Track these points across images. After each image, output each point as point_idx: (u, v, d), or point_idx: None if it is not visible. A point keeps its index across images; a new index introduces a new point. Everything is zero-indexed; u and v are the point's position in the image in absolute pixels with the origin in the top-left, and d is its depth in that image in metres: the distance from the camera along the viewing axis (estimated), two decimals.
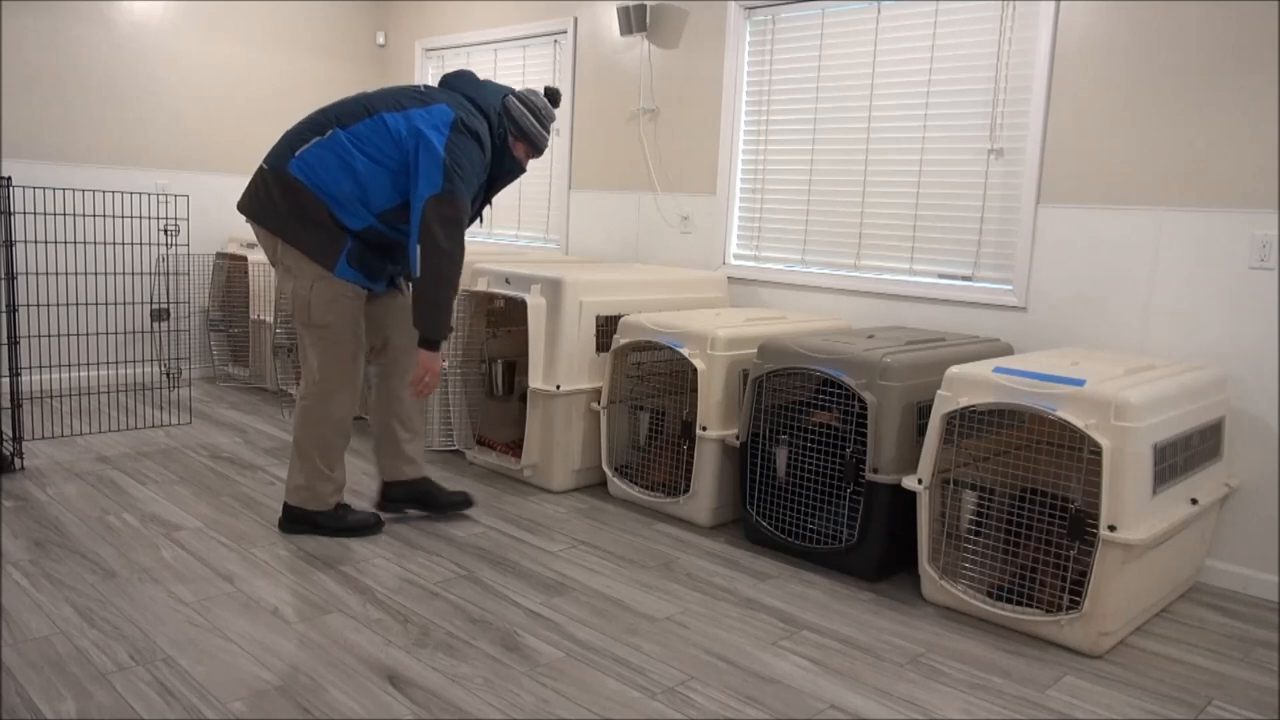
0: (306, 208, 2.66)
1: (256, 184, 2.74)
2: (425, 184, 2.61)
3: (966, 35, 3.37)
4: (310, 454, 2.81)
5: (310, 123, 2.71)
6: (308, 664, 2.12)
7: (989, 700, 2.12)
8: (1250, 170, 2.79)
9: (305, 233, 2.68)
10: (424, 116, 2.66)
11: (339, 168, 2.64)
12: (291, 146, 2.68)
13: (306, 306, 2.72)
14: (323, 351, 2.75)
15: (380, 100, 2.70)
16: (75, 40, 4.64)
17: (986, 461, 2.66)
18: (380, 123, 2.65)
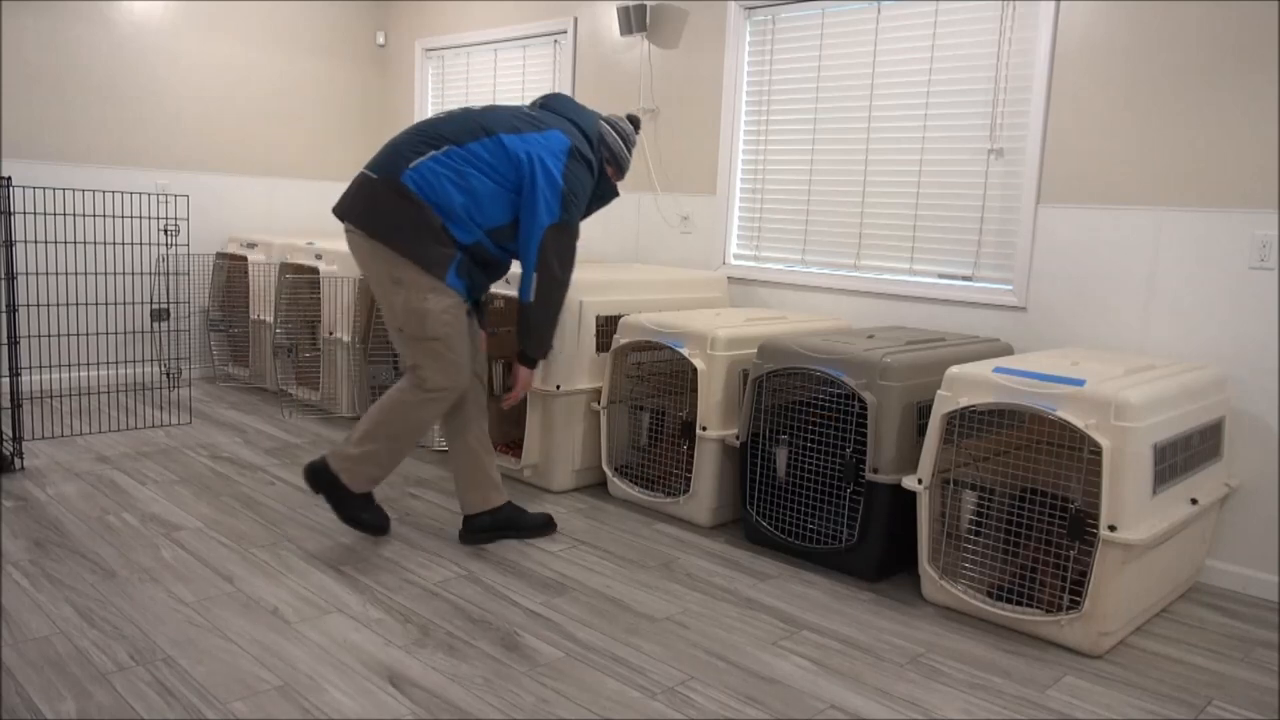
0: (420, 219, 2.61)
1: (364, 193, 2.67)
2: (545, 213, 2.65)
3: (966, 35, 3.37)
4: (380, 440, 2.73)
5: (421, 135, 2.67)
6: (308, 664, 2.12)
7: (989, 700, 2.12)
8: (1250, 170, 2.79)
9: (420, 244, 2.62)
10: (542, 143, 2.68)
11: (453, 183, 2.62)
12: (404, 157, 2.63)
13: (421, 319, 2.65)
14: (436, 362, 2.69)
15: (496, 121, 2.69)
16: (75, 40, 4.64)
17: (986, 461, 2.66)
18: (498, 144, 2.65)
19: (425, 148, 2.64)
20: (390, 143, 2.72)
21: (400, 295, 2.64)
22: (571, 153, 2.72)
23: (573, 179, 2.70)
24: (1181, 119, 2.91)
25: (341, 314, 4.28)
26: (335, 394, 4.39)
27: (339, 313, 4.29)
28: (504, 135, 2.66)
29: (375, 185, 2.65)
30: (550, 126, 2.73)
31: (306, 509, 3.15)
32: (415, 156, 2.63)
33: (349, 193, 2.72)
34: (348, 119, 5.77)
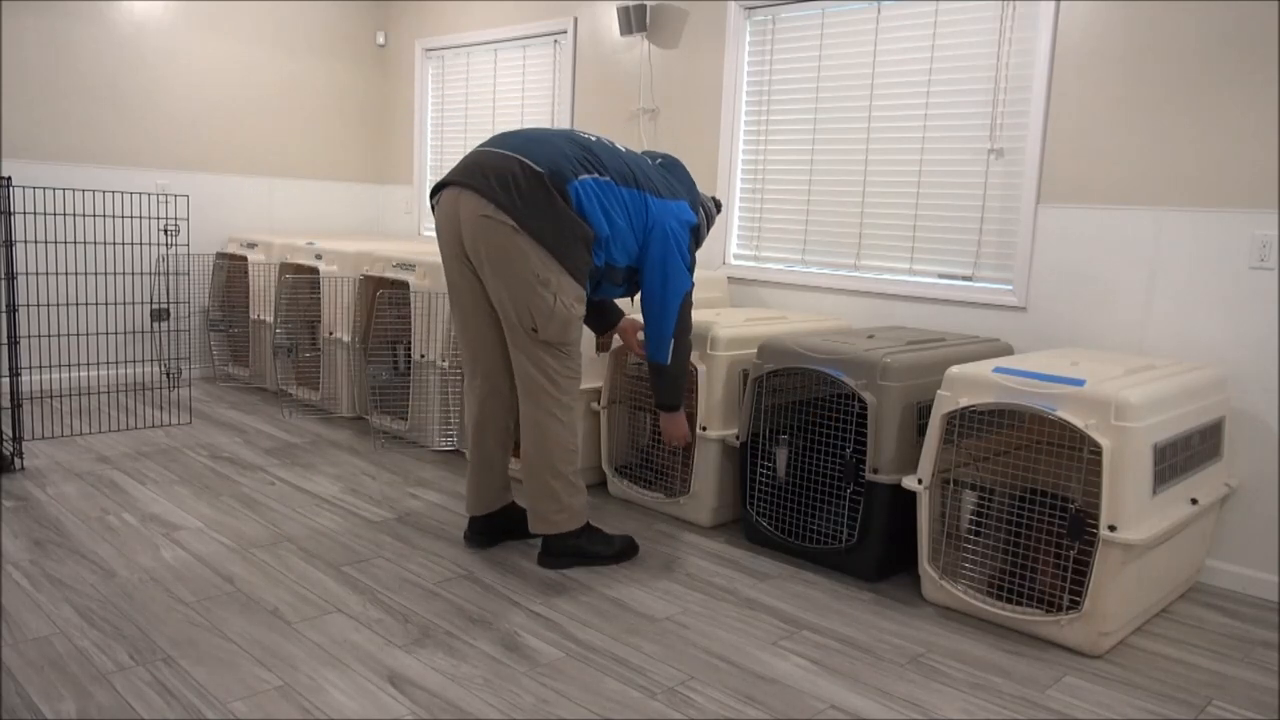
0: (580, 228, 2.53)
1: (517, 180, 2.50)
2: (682, 279, 2.70)
3: (966, 35, 3.37)
4: (563, 470, 2.68)
5: (585, 151, 2.59)
6: (308, 664, 2.12)
7: (989, 700, 2.12)
8: (1250, 170, 2.79)
9: (576, 251, 2.54)
10: (675, 210, 2.71)
11: (602, 211, 2.57)
12: (570, 165, 2.53)
13: (566, 325, 2.59)
14: (568, 369, 2.66)
15: (640, 173, 2.68)
16: (75, 40, 4.64)
17: (986, 461, 2.66)
18: (640, 199, 2.65)
19: (590, 166, 2.57)
20: (544, 138, 2.59)
21: (547, 298, 2.53)
22: (694, 229, 2.79)
23: (690, 249, 2.77)
24: (1181, 119, 2.91)
25: (341, 314, 4.28)
26: (335, 394, 4.39)
27: (339, 313, 4.29)
28: (649, 195, 2.67)
29: (536, 178, 2.49)
30: (680, 197, 2.77)
31: (306, 509, 3.15)
32: (581, 170, 2.55)
33: (481, 169, 2.53)
34: (348, 119, 5.77)
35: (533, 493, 2.71)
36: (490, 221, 2.49)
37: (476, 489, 2.86)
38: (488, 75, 5.24)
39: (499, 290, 2.56)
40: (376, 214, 6.01)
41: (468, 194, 2.52)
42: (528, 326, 2.56)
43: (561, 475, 2.68)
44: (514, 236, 2.48)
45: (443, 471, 3.67)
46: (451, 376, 3.76)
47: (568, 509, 2.71)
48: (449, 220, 2.59)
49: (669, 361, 2.77)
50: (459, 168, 2.58)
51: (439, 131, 5.58)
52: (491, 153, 2.55)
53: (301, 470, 3.59)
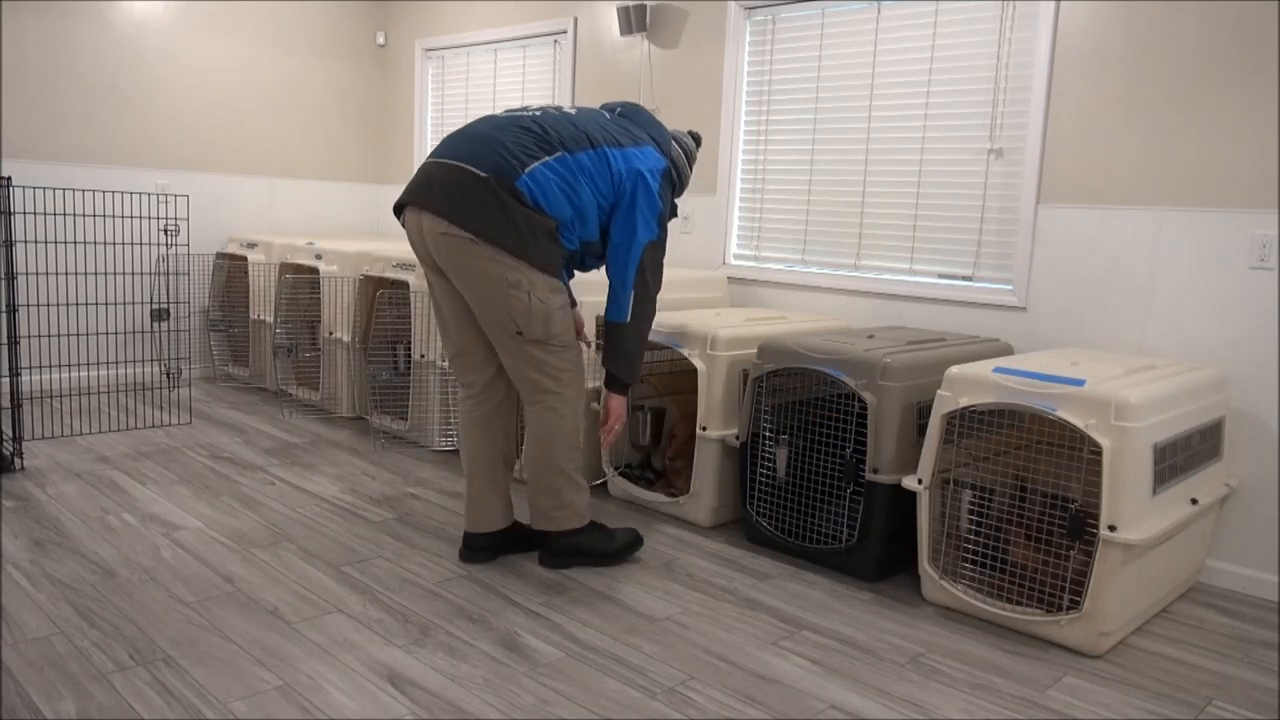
0: (539, 223, 2.47)
1: (464, 190, 2.45)
2: (644, 229, 2.58)
3: (966, 35, 3.37)
4: (565, 467, 2.65)
5: (531, 135, 2.51)
6: (308, 664, 2.12)
7: (989, 700, 2.12)
8: (1250, 170, 2.79)
9: (538, 245, 2.48)
10: (639, 158, 2.61)
11: (562, 192, 2.49)
12: (516, 159, 2.45)
13: (547, 319, 2.53)
14: (563, 362, 2.60)
15: (596, 130, 2.58)
16: (75, 40, 4.64)
17: (986, 461, 2.66)
18: (602, 157, 2.55)
19: (538, 151, 2.49)
20: (487, 136, 2.51)
21: (521, 298, 2.49)
22: (665, 172, 2.66)
23: (665, 196, 2.65)
24: (1181, 119, 2.91)
25: (341, 314, 4.28)
26: (335, 394, 4.39)
27: (339, 313, 4.29)
28: (607, 148, 2.56)
29: (482, 185, 2.44)
30: (644, 142, 2.66)
31: (306, 509, 3.15)
32: (529, 160, 2.47)
33: (430, 185, 2.50)
34: (348, 119, 5.77)
35: (535, 489, 2.69)
36: (449, 238, 2.47)
37: (478, 504, 2.75)
38: (488, 75, 5.24)
39: (475, 302, 2.53)
40: (376, 214, 6.01)
41: (426, 214, 2.49)
42: (511, 330, 2.54)
43: (563, 472, 2.66)
44: (474, 248, 2.46)
45: (443, 471, 3.67)
46: (451, 376, 3.76)
47: (569, 506, 2.69)
48: (416, 239, 2.58)
49: (624, 319, 2.63)
50: (412, 184, 2.55)
51: (439, 132, 5.58)
52: (438, 164, 2.51)
53: (301, 470, 3.59)
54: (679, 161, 2.77)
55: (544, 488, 2.67)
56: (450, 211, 2.45)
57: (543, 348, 2.57)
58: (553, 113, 2.60)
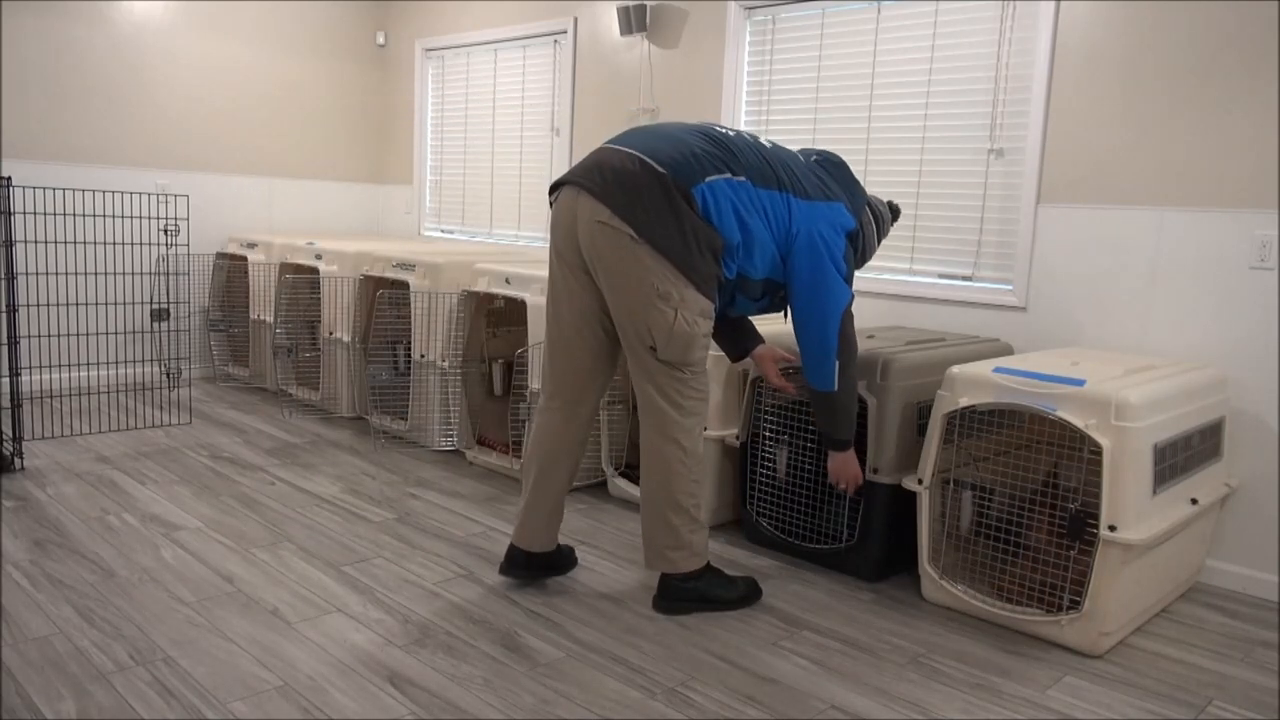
0: (707, 235, 2.27)
1: (637, 181, 2.25)
2: (840, 294, 2.40)
3: (966, 35, 3.37)
4: (685, 504, 2.42)
5: (719, 150, 2.33)
6: (308, 664, 2.12)
7: (989, 700, 2.12)
8: (1250, 170, 2.79)
9: (703, 260, 2.28)
10: (824, 215, 2.41)
11: (737, 217, 2.30)
12: (700, 166, 2.28)
13: (687, 344, 2.32)
14: (693, 390, 2.39)
15: (784, 172, 2.39)
16: (75, 40, 4.64)
17: (986, 461, 2.66)
18: (784, 202, 2.37)
19: (723, 166, 2.31)
20: (673, 135, 2.34)
21: (667, 314, 2.28)
22: (852, 236, 2.48)
23: (849, 259, 2.47)
24: (1181, 119, 2.91)
25: (341, 314, 4.28)
26: (335, 394, 4.39)
27: (339, 313, 4.29)
28: (793, 196, 2.38)
29: (657, 180, 2.24)
30: (837, 198, 2.46)
31: (306, 509, 3.15)
32: (712, 171, 2.29)
33: (601, 169, 2.30)
34: (348, 119, 5.77)
35: (650, 526, 2.47)
36: (607, 229, 2.26)
37: (530, 521, 2.57)
38: (488, 75, 5.24)
39: (616, 304, 2.32)
40: (376, 214, 6.01)
41: (585, 196, 2.29)
42: (646, 345, 2.32)
43: (683, 510, 2.43)
44: (632, 246, 2.24)
45: (443, 471, 3.67)
46: (452, 376, 3.76)
47: (688, 547, 2.45)
48: (565, 223, 2.36)
49: (836, 388, 2.46)
50: (580, 165, 2.36)
51: (439, 132, 5.58)
52: (614, 150, 2.32)
53: (301, 470, 3.59)
54: (867, 229, 2.57)
55: (661, 524, 2.44)
56: (616, 200, 2.25)
57: (674, 372, 2.36)
58: (747, 138, 2.43)
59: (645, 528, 2.49)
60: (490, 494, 3.42)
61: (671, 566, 2.47)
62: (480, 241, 5.32)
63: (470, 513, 3.21)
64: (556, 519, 2.59)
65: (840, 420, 2.52)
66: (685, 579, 2.47)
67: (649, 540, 2.48)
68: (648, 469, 2.44)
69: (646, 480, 2.45)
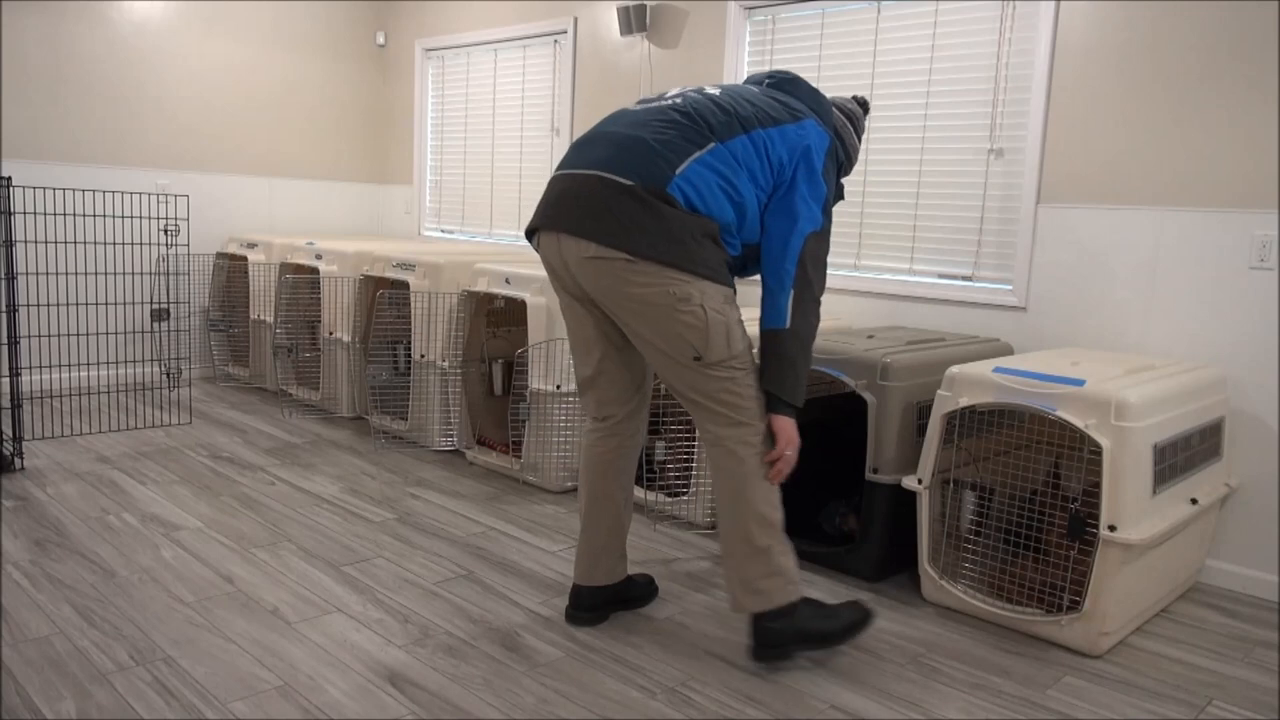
0: (699, 224, 2.08)
1: (608, 203, 2.07)
2: (806, 218, 2.14)
3: (966, 35, 3.37)
4: (770, 515, 2.15)
5: (677, 130, 2.10)
6: (308, 664, 2.12)
7: (989, 700, 2.12)
8: (1250, 170, 2.79)
9: (705, 251, 2.08)
10: (799, 137, 2.17)
11: (721, 190, 2.09)
12: (664, 159, 2.07)
13: (727, 334, 2.11)
14: (747, 388, 2.15)
15: (746, 110, 2.15)
16: (75, 40, 4.64)
17: (986, 461, 2.66)
18: (758, 142, 2.13)
19: (689, 145, 2.08)
20: (624, 137, 2.12)
21: (695, 313, 2.08)
22: (831, 151, 2.23)
23: (830, 180, 2.23)
24: (1181, 119, 2.91)
25: (341, 314, 4.28)
26: (335, 394, 4.39)
27: (339, 313, 4.29)
28: (762, 131, 2.14)
29: (626, 194, 2.05)
30: (805, 116, 2.21)
31: (306, 509, 3.15)
32: (678, 159, 2.07)
33: (565, 202, 2.13)
34: (348, 119, 5.77)
35: (733, 556, 2.17)
36: (599, 262, 2.09)
37: (593, 554, 2.39)
38: (488, 75, 5.24)
39: (640, 330, 2.14)
40: (376, 214, 6.01)
41: (566, 238, 2.12)
42: (687, 358, 2.11)
43: (769, 524, 2.14)
44: (631, 269, 2.07)
45: (443, 471, 3.67)
46: (452, 376, 3.76)
47: (781, 572, 2.15)
48: (558, 267, 2.21)
49: (785, 325, 2.14)
50: (545, 205, 2.19)
51: (439, 132, 5.58)
52: (572, 177, 2.14)
53: (301, 470, 3.59)
54: (845, 134, 2.35)
55: (748, 550, 2.15)
56: (595, 231, 2.07)
57: (725, 371, 2.13)
58: (694, 96, 2.18)
59: (729, 560, 2.18)
60: (490, 494, 3.42)
61: (767, 601, 2.15)
62: (480, 242, 5.32)
63: (470, 513, 3.21)
64: (618, 547, 2.39)
65: (788, 371, 2.16)
66: (778, 616, 2.16)
67: (735, 575, 2.18)
68: (723, 490, 2.17)
69: (724, 503, 2.17)
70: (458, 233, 5.51)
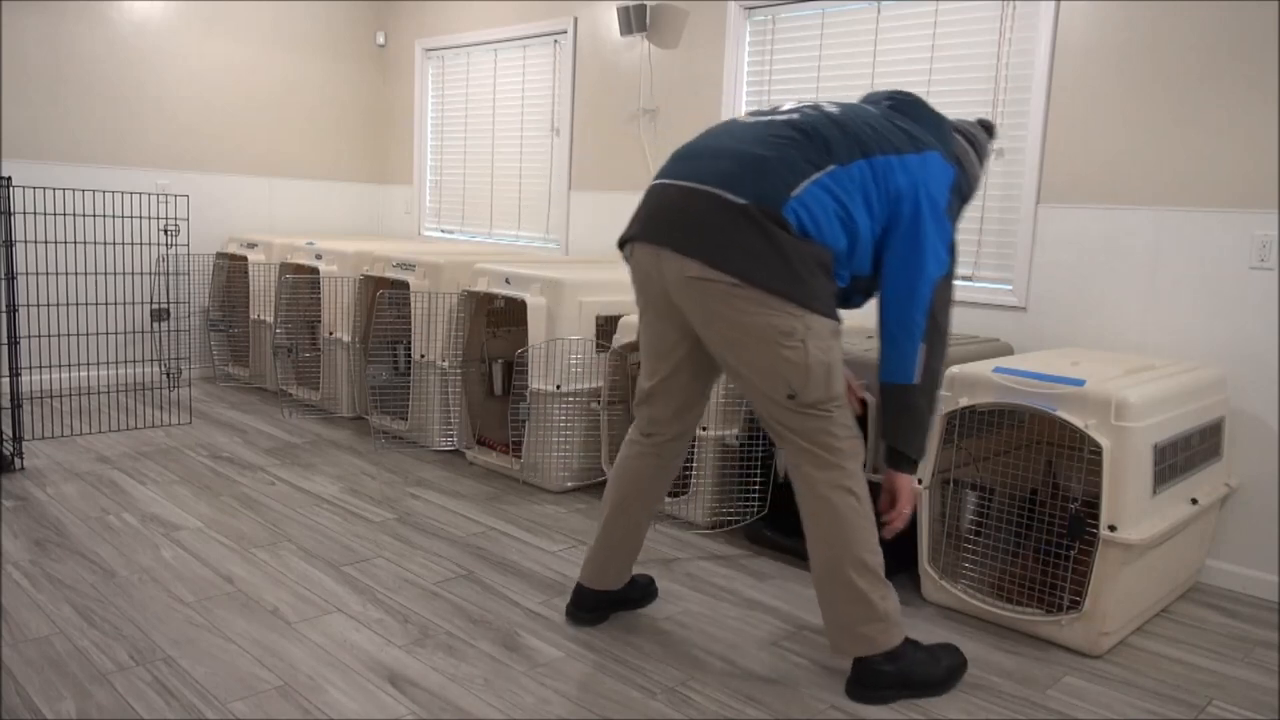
0: (813, 253, 1.94)
1: (729, 226, 1.92)
2: (935, 263, 1.99)
3: (966, 35, 3.37)
4: (870, 560, 2.05)
5: (795, 147, 1.96)
6: (308, 664, 2.12)
7: (989, 700, 2.12)
8: (1250, 170, 2.79)
9: (818, 282, 1.95)
10: (921, 170, 2.02)
11: (836, 216, 1.94)
12: (781, 179, 1.92)
13: (828, 375, 1.99)
14: (843, 428, 2.04)
15: (867, 134, 2.01)
16: (75, 40, 4.64)
17: (987, 461, 2.66)
18: (878, 169, 1.98)
19: (807, 166, 1.94)
20: (739, 151, 1.98)
21: (797, 350, 1.95)
22: (955, 186, 2.08)
23: (954, 215, 2.08)
24: (1181, 119, 2.91)
25: (341, 314, 4.28)
26: (335, 394, 4.39)
27: (339, 313, 4.29)
28: (880, 157, 1.99)
29: (739, 214, 1.92)
30: (929, 146, 2.06)
31: (306, 509, 3.15)
32: (796, 179, 1.92)
33: (670, 215, 2.00)
34: (348, 119, 5.77)
35: (832, 600, 2.07)
36: (702, 283, 1.95)
37: (605, 559, 2.34)
38: (488, 75, 5.24)
39: (735, 360, 2.02)
40: (376, 214, 6.01)
41: (667, 254, 1.99)
42: (784, 394, 1.99)
43: (868, 568, 2.05)
44: (735, 294, 1.93)
45: (443, 471, 3.67)
46: (452, 376, 3.76)
47: (884, 617, 2.05)
48: (652, 280, 2.08)
49: (915, 379, 2.03)
50: (645, 215, 2.06)
51: (439, 132, 5.58)
52: (678, 189, 2.00)
53: (301, 470, 3.59)
54: (966, 162, 2.17)
55: (848, 595, 2.05)
56: (703, 250, 1.94)
57: (822, 411, 2.02)
58: (811, 113, 2.04)
59: (828, 606, 2.09)
60: (490, 494, 3.42)
61: (871, 647, 2.06)
62: (480, 242, 5.32)
63: (470, 513, 3.21)
64: (631, 556, 2.35)
65: (914, 427, 2.06)
66: (885, 660, 2.07)
67: (834, 619, 2.08)
68: (818, 535, 2.06)
69: (819, 547, 2.07)
70: (458, 233, 5.51)
